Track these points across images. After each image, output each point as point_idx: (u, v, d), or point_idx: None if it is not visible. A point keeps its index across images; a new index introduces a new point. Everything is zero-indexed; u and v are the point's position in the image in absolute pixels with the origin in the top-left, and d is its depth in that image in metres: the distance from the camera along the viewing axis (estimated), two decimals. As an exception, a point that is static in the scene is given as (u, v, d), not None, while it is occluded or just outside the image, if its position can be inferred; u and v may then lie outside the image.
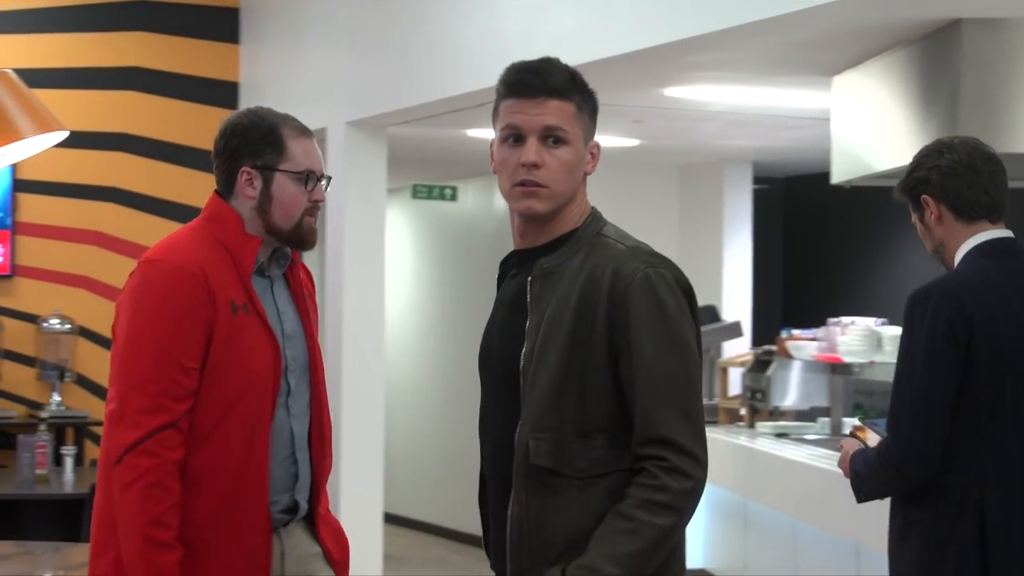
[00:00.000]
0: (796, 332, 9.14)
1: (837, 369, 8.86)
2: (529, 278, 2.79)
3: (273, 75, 9.90)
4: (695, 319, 2.72)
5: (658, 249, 7.00)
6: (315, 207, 3.45)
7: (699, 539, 9.71)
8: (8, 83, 5.10)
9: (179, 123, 9.74)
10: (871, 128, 6.96)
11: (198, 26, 9.84)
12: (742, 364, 9.63)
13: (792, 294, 12.23)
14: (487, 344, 2.93)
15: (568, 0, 7.16)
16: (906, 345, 3.63)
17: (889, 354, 8.08)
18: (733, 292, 10.85)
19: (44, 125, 5.18)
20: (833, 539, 7.63)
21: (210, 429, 3.31)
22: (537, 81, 2.81)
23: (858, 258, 11.64)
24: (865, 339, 8.54)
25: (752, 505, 8.76)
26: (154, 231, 8.99)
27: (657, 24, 6.33)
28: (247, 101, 9.63)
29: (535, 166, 2.72)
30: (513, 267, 2.92)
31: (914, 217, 3.77)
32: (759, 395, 9.23)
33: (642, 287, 2.66)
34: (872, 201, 9.49)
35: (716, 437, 8.91)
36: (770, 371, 9.21)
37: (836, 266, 11.86)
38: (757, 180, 11.07)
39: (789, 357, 9.03)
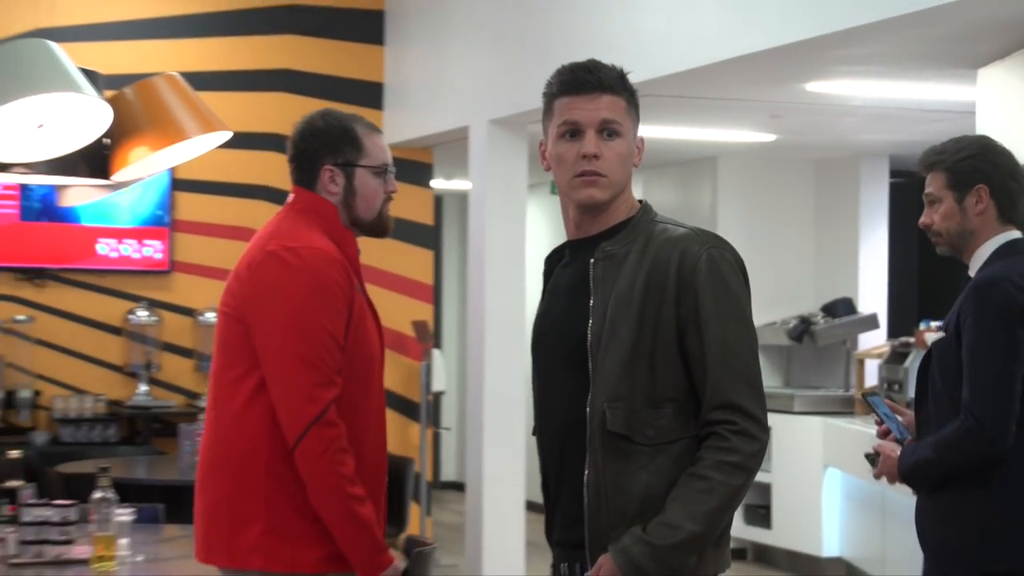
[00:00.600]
0: (934, 324, 8.69)
1: None
2: (592, 260, 2.96)
3: (417, 76, 9.94)
4: (749, 297, 2.95)
5: (794, 243, 10.66)
6: (390, 198, 3.65)
7: (836, 528, 9.77)
8: (175, 85, 5.27)
9: None
10: (1017, 121, 6.68)
11: (345, 29, 9.97)
12: (879, 356, 9.61)
13: (928, 287, 11.77)
14: (541, 331, 3.08)
15: None
16: (981, 327, 3.75)
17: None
18: (869, 285, 10.64)
19: (208, 126, 5.32)
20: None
21: (353, 402, 3.48)
22: (591, 78, 2.98)
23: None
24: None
25: (890, 494, 8.58)
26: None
27: (800, 19, 6.30)
28: (391, 101, 9.99)
29: (595, 156, 2.89)
30: (564, 258, 3.11)
31: (944, 194, 3.88)
32: (896, 386, 9.11)
33: (708, 267, 2.83)
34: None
35: (851, 427, 9.23)
36: (907, 363, 9.08)
37: None
38: (893, 174, 10.82)
39: (926, 348, 8.86)
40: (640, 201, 3.11)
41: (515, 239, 8.98)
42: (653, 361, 2.85)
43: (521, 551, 8.79)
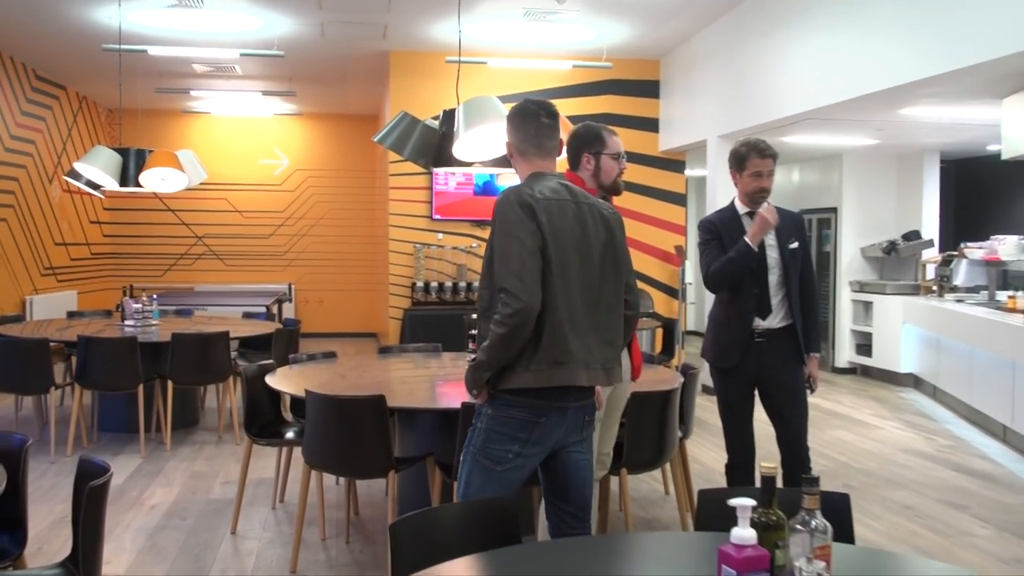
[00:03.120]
0: (969, 244, 10.01)
1: (993, 264, 9.79)
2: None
3: (675, 113, 11.23)
4: (529, 227, 3.13)
5: (885, 200, 11.59)
6: (622, 172, 4.02)
7: (912, 357, 10.85)
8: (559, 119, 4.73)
9: (630, 139, 10.95)
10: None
11: (638, 90, 11.66)
12: (934, 261, 10.89)
13: (961, 222, 12.72)
14: None
15: (836, 53, 7.40)
16: None
17: (1031, 256, 9.34)
18: (927, 222, 11.61)
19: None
20: (995, 356, 8.25)
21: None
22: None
23: (1011, 202, 12.21)
24: (1015, 247, 9.34)
25: (943, 339, 9.74)
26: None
27: (899, 70, 6.56)
28: (663, 128, 11.58)
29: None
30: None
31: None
32: (945, 279, 10.44)
33: (496, 207, 3.21)
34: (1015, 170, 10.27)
35: (919, 302, 10.37)
36: (952, 265, 10.30)
37: (997, 212, 12.37)
38: (942, 162, 11.74)
39: (964, 257, 10.10)
40: None
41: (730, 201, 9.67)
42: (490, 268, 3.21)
43: None
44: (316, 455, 4.75)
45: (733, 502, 2.01)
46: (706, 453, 7.50)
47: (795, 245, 4.72)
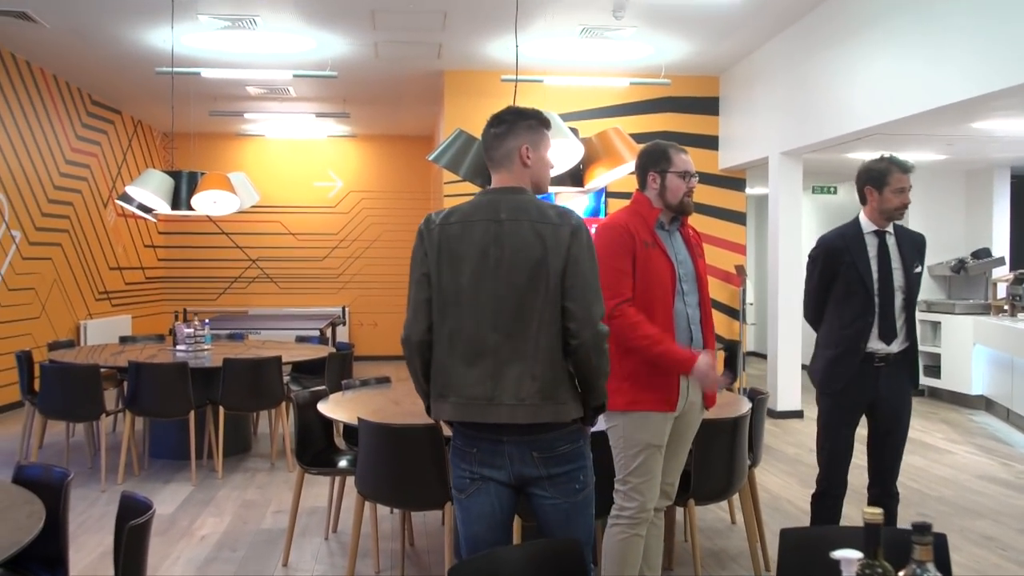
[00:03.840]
0: None
1: None
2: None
3: (735, 130, 11.19)
4: (418, 256, 3.05)
5: (954, 216, 11.64)
6: (691, 191, 3.88)
7: (983, 379, 10.59)
8: (619, 134, 5.44)
9: (705, 159, 11.23)
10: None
11: (698, 107, 11.56)
12: (1006, 280, 10.81)
13: None
14: None
15: (913, 61, 7.27)
16: None
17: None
18: (998, 239, 11.57)
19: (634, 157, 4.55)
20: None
21: (643, 309, 3.73)
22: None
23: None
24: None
25: (1016, 360, 9.52)
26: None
27: (974, 81, 6.49)
28: (723, 146, 11.48)
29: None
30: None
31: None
32: (1017, 297, 10.38)
33: None
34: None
35: (989, 321, 10.27)
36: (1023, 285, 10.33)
37: None
38: (1012, 176, 11.67)
39: None
40: None
41: (793, 220, 9.98)
42: None
43: (798, 391, 10.03)
44: (369, 485, 4.61)
45: (837, 555, 1.80)
46: (772, 480, 7.30)
47: (919, 269, 4.64)
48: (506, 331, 2.95)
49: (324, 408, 5.10)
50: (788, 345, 9.99)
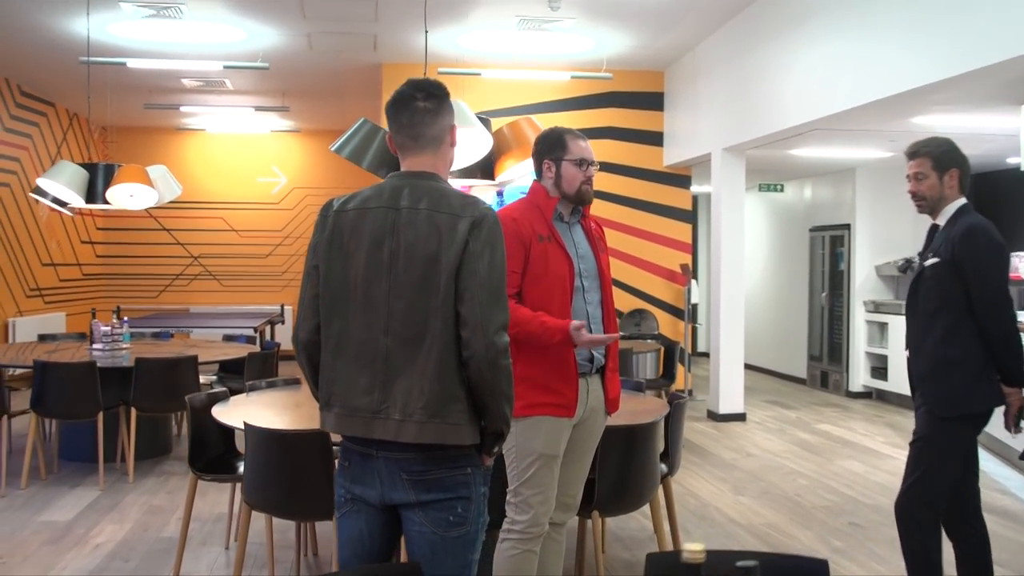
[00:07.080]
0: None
1: (1015, 283, 9.15)
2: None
3: (680, 126, 11.07)
4: (311, 245, 2.85)
5: (901, 216, 11.55)
6: (589, 180, 3.73)
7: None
8: (531, 124, 5.35)
9: (633, 153, 11.24)
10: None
11: (642, 102, 11.38)
12: None
13: None
14: None
15: (849, 62, 7.17)
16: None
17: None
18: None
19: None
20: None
21: (538, 308, 3.56)
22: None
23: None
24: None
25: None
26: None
27: (909, 74, 6.43)
28: (668, 142, 11.32)
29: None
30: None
31: (930, 172, 3.97)
32: None
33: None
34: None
35: None
36: None
37: (1018, 229, 11.44)
38: None
39: None
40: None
41: (736, 218, 9.90)
42: None
43: (741, 393, 9.97)
44: (256, 494, 4.30)
45: None
46: (704, 486, 7.08)
47: None
48: (399, 336, 2.57)
49: (219, 411, 4.84)
50: (731, 345, 9.91)
